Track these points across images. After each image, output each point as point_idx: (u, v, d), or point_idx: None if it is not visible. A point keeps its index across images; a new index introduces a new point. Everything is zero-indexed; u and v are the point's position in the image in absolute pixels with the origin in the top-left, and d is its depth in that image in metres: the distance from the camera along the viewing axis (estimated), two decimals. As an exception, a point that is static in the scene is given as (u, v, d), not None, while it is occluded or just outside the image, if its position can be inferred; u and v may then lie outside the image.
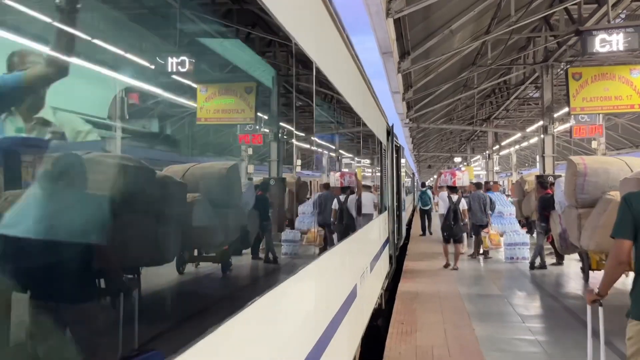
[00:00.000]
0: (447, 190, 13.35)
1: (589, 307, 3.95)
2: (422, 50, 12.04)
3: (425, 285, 10.81)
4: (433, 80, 16.46)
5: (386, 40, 9.09)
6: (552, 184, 11.66)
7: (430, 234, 20.25)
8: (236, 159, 3.51)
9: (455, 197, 12.75)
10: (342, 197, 5.64)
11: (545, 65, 16.86)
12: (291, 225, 4.04)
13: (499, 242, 14.32)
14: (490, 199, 14.26)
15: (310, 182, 5.38)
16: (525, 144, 33.33)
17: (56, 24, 1.57)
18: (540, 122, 17.89)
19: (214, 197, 2.85)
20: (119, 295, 1.91)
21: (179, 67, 2.34)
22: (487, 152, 31.26)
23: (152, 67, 2.35)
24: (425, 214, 21.11)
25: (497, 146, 30.80)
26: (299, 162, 4.76)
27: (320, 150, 5.60)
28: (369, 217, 7.40)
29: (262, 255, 3.59)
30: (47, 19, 1.60)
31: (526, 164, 49.64)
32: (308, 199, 4.93)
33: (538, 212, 12.09)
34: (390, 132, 11.28)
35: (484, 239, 13.80)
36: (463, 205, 12.76)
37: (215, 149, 3.49)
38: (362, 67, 6.44)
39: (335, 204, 5.42)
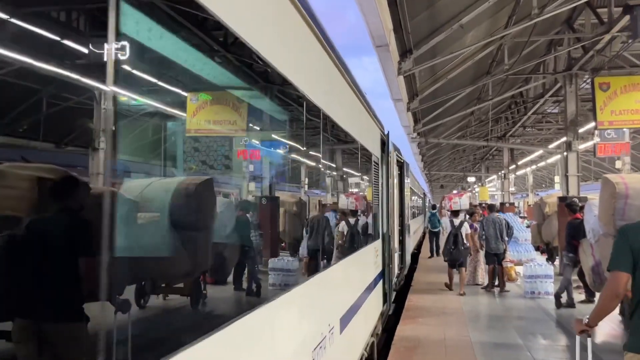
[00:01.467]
0: (450, 215, 13.11)
1: (577, 337, 3.92)
2: (427, 48, 10.24)
3: (429, 328, 9.01)
4: (442, 89, 14.73)
5: (379, 27, 7.31)
6: (582, 207, 9.85)
7: (438, 255, 19.10)
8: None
9: (457, 221, 12.53)
10: (298, 227, 3.85)
11: (569, 75, 15.35)
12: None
13: (515, 277, 12.40)
14: (508, 223, 12.49)
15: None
16: (542, 163, 31.69)
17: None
18: (563, 139, 16.30)
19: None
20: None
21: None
22: (502, 171, 29.53)
23: None
24: (435, 236, 20.97)
25: (514, 165, 29.05)
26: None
27: (267, 157, 3.90)
28: (343, 253, 5.56)
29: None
30: None
31: (543, 185, 48.10)
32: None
33: (565, 241, 10.36)
34: (385, 143, 9.32)
35: (511, 270, 12.19)
36: (466, 229, 12.41)
37: None
38: (330, 44, 4.65)
39: (281, 237, 3.64)
